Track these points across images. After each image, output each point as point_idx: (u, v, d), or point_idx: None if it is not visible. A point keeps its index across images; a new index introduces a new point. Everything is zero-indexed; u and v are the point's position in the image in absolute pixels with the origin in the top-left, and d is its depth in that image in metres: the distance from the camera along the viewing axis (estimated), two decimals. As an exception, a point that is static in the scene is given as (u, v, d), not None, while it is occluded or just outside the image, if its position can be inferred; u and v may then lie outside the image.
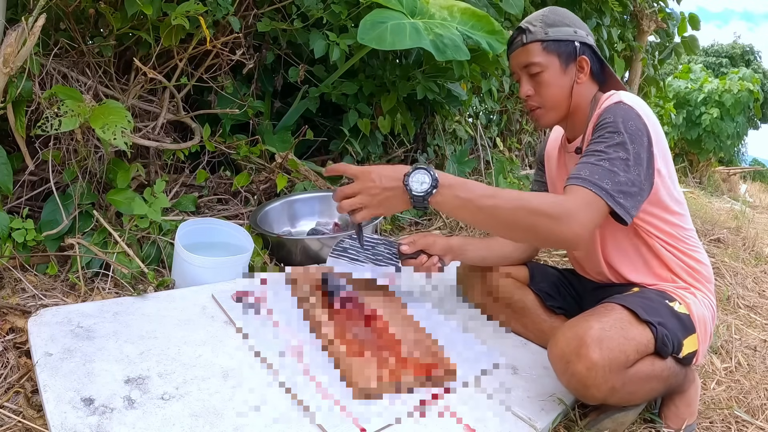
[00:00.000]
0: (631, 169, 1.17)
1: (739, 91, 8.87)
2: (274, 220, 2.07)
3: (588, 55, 1.36)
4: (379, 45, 1.88)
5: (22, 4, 1.69)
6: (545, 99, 1.36)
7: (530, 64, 1.35)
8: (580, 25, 1.37)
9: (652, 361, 1.17)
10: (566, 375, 1.13)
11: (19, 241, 1.56)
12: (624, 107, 1.23)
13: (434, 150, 3.02)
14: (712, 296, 1.37)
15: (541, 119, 1.40)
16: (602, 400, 1.14)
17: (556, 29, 1.35)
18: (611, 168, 1.16)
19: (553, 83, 1.35)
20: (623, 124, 1.20)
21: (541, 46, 1.34)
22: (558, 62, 1.34)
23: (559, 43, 1.34)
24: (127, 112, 1.57)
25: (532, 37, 1.35)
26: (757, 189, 9.10)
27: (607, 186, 1.14)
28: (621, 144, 1.18)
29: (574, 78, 1.35)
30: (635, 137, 1.19)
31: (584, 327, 1.12)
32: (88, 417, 0.99)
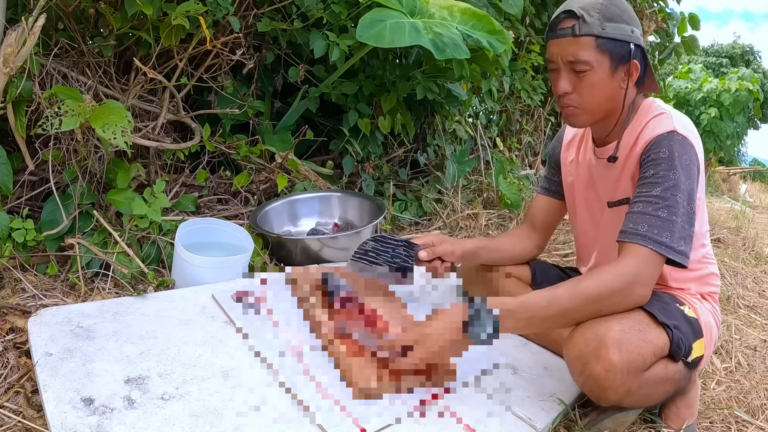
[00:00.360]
0: (687, 208, 1.14)
1: (737, 91, 8.88)
2: (274, 220, 2.07)
3: (639, 60, 1.23)
4: (378, 42, 1.88)
5: (22, 4, 1.69)
6: (585, 101, 1.24)
7: (578, 60, 1.19)
8: (637, 23, 1.23)
9: (666, 364, 1.16)
10: (583, 376, 1.11)
11: (19, 241, 1.56)
12: (678, 138, 1.16)
13: (434, 150, 3.02)
14: (718, 306, 1.36)
15: (574, 119, 1.28)
16: (617, 402, 1.13)
17: (615, 25, 1.19)
18: (669, 217, 1.12)
19: (599, 86, 1.22)
20: (678, 159, 1.15)
21: (595, 43, 1.18)
22: (609, 64, 1.20)
23: (615, 43, 1.19)
24: (127, 112, 1.57)
25: (587, 29, 1.18)
26: (757, 189, 9.09)
27: (667, 240, 1.12)
28: (676, 185, 1.14)
29: (621, 83, 1.23)
30: (689, 172, 1.15)
31: (604, 328, 1.09)
32: (88, 417, 0.99)
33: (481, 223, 2.67)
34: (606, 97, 1.24)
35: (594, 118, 1.28)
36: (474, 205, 2.83)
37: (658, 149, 1.17)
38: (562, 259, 2.47)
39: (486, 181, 3.13)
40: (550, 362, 1.44)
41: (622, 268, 1.12)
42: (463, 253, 1.46)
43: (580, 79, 1.22)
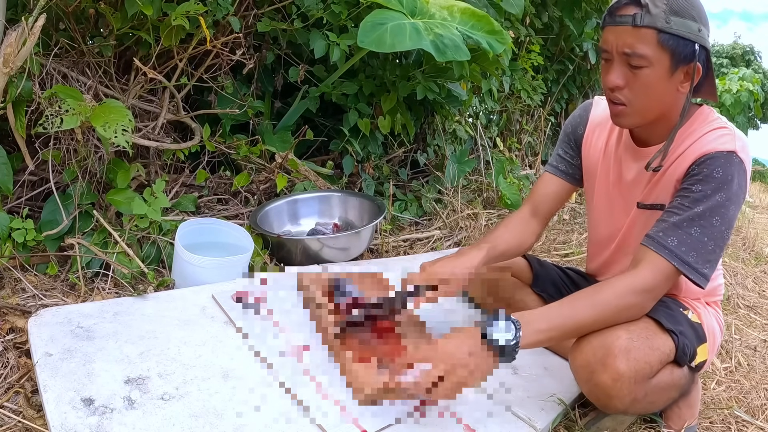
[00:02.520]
0: (723, 233, 1.10)
1: (739, 91, 8.88)
2: (274, 220, 2.07)
3: (703, 63, 1.12)
4: (379, 48, 1.87)
5: (22, 4, 1.69)
6: (637, 100, 1.13)
7: (635, 54, 1.08)
8: (706, 22, 1.11)
9: (672, 370, 1.16)
10: (589, 384, 1.10)
11: (19, 241, 1.56)
12: (737, 162, 1.10)
13: (434, 150, 3.02)
14: (720, 311, 1.36)
15: (622, 119, 1.18)
16: (623, 410, 1.13)
17: (681, 21, 1.07)
18: (701, 238, 1.08)
19: (654, 86, 1.11)
20: (730, 184, 1.08)
21: (657, 37, 1.06)
22: (669, 63, 1.09)
23: (679, 40, 1.07)
24: (127, 111, 1.57)
25: (649, 20, 1.06)
26: (757, 189, 9.09)
27: (692, 260, 1.08)
28: (719, 208, 1.08)
29: (678, 85, 1.12)
30: (737, 200, 1.10)
31: (612, 336, 1.08)
32: (88, 417, 0.99)
33: (481, 223, 2.67)
34: (660, 100, 1.13)
35: (643, 121, 1.17)
36: (474, 205, 2.83)
37: (713, 167, 1.09)
38: (562, 259, 2.47)
39: (486, 181, 3.13)
40: (550, 362, 1.44)
41: (641, 280, 1.09)
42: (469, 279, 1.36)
43: (634, 75, 1.11)
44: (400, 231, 2.47)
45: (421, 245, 2.36)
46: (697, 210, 1.09)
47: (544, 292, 1.52)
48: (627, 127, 1.24)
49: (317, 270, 1.73)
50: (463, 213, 2.69)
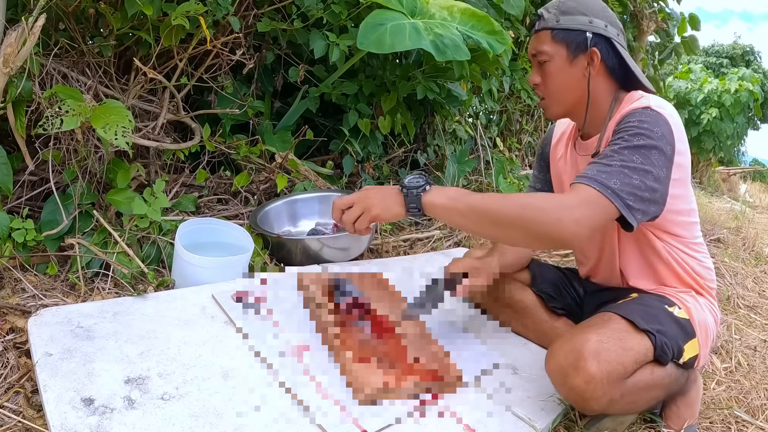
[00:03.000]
0: (648, 176, 1.11)
1: (738, 91, 8.88)
2: (274, 220, 2.07)
3: (602, 48, 1.26)
4: (379, 49, 1.87)
5: (22, 4, 1.69)
6: (549, 90, 1.31)
7: (538, 52, 1.30)
8: (602, 15, 1.27)
9: (652, 369, 1.16)
10: (564, 388, 1.12)
11: (19, 241, 1.56)
12: (652, 113, 1.16)
13: (434, 150, 3.02)
14: (715, 301, 1.36)
15: (546, 111, 1.36)
16: (602, 411, 1.14)
17: (569, 18, 1.26)
18: (622, 170, 1.10)
19: (558, 75, 1.28)
20: (648, 129, 1.14)
21: (551, 35, 1.27)
22: (566, 53, 1.27)
23: (569, 32, 1.26)
24: (128, 112, 1.57)
25: (543, 24, 1.29)
26: (757, 189, 9.10)
27: (615, 186, 1.09)
28: (640, 148, 1.12)
29: (583, 71, 1.27)
30: (659, 145, 1.13)
31: (581, 340, 1.11)
32: (88, 417, 0.99)
33: (481, 223, 2.66)
34: (568, 85, 1.29)
35: (563, 107, 1.33)
36: (474, 205, 2.83)
37: (629, 119, 1.17)
38: (562, 259, 2.47)
39: (486, 181, 3.13)
40: (550, 362, 1.44)
41: (562, 197, 1.13)
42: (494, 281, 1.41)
43: (543, 71, 1.31)
44: (400, 231, 2.47)
45: (421, 245, 2.36)
46: (615, 149, 1.14)
47: (544, 293, 1.53)
48: (554, 118, 1.38)
49: (317, 270, 1.73)
50: (463, 213, 2.68)
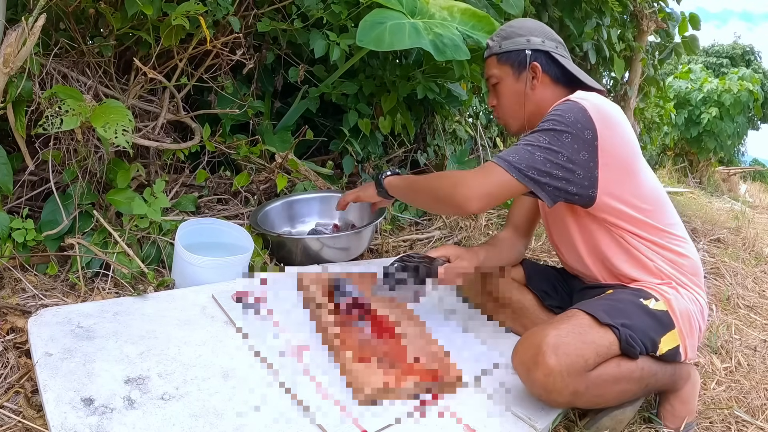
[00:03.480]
0: (556, 155, 1.21)
1: (739, 91, 8.88)
2: (274, 220, 2.07)
3: (542, 61, 1.39)
4: (378, 47, 1.87)
5: (22, 4, 1.69)
6: (503, 108, 1.46)
7: (489, 76, 1.46)
8: (538, 33, 1.42)
9: (618, 362, 1.17)
10: (528, 381, 1.15)
11: (19, 241, 1.56)
12: (569, 103, 1.27)
13: (434, 150, 3.02)
14: (700, 289, 1.34)
15: (506, 127, 1.49)
16: (567, 404, 1.16)
17: (509, 41, 1.42)
18: (525, 147, 1.23)
19: (508, 93, 1.43)
20: (559, 115, 1.24)
21: (496, 59, 1.44)
22: (511, 72, 1.42)
23: (510, 54, 1.41)
24: (128, 112, 1.57)
25: (489, 51, 1.46)
26: (757, 189, 9.09)
27: (513, 159, 1.22)
28: (548, 131, 1.23)
29: (528, 86, 1.41)
30: (570, 130, 1.22)
31: (541, 335, 1.14)
32: (88, 417, 0.99)
33: (481, 223, 2.67)
34: (517, 101, 1.43)
35: (518, 121, 1.45)
36: (474, 205, 2.83)
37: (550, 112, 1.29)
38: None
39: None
40: (550, 362, 1.44)
41: (466, 171, 1.28)
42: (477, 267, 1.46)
43: (496, 92, 1.47)
44: (400, 231, 2.47)
45: (421, 245, 2.37)
46: (527, 134, 1.28)
47: (540, 291, 1.54)
48: (514, 133, 1.50)
49: (317, 270, 1.73)
50: (463, 213, 2.68)
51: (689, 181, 7.92)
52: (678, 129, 9.18)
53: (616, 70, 4.17)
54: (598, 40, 3.77)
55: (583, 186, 1.24)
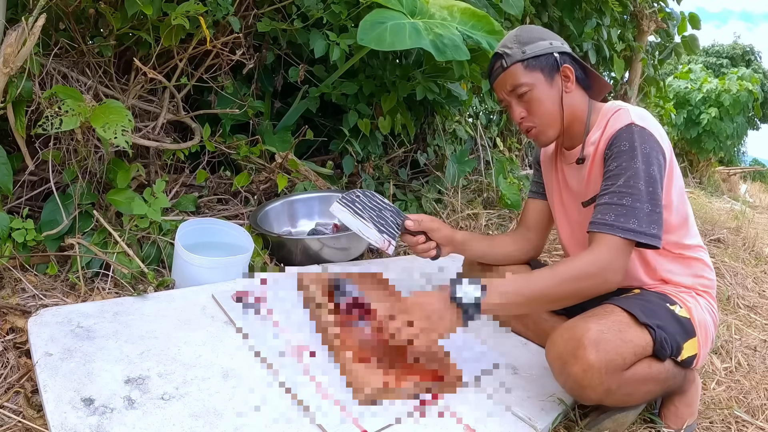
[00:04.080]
0: (652, 195, 1.18)
1: (738, 91, 8.88)
2: (274, 221, 2.07)
3: (570, 63, 1.34)
4: (379, 46, 1.88)
5: (22, 4, 1.69)
6: (540, 117, 1.33)
7: (516, 85, 1.32)
8: (553, 37, 1.36)
9: (650, 363, 1.17)
10: (563, 375, 1.14)
11: (19, 241, 1.56)
12: (636, 129, 1.22)
13: (434, 150, 3.02)
14: (714, 303, 1.37)
15: (540, 137, 1.36)
16: (598, 401, 1.15)
17: (532, 45, 1.32)
18: (634, 204, 1.17)
19: (544, 99, 1.32)
20: (638, 149, 1.20)
21: (523, 66, 1.31)
22: (543, 77, 1.32)
23: (539, 58, 1.32)
24: (127, 112, 1.57)
25: (510, 60, 1.32)
26: (757, 189, 9.10)
27: (634, 225, 1.17)
28: (637, 173, 1.19)
29: (561, 89, 1.33)
30: (649, 159, 1.19)
31: (582, 329, 1.13)
32: (88, 417, 0.99)
33: (481, 223, 2.67)
34: (554, 106, 1.33)
35: (556, 129, 1.35)
36: (474, 205, 2.83)
37: (619, 142, 1.22)
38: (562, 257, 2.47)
39: (486, 181, 3.13)
40: (550, 362, 1.44)
41: (595, 255, 1.17)
42: (448, 234, 1.47)
43: (527, 102, 1.33)
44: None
45: (421, 245, 2.36)
46: (620, 183, 1.20)
47: None
48: (549, 143, 1.39)
49: (317, 270, 1.73)
50: (463, 213, 2.69)
51: (689, 181, 7.91)
52: (678, 129, 9.17)
53: (616, 70, 4.18)
54: (598, 40, 3.77)
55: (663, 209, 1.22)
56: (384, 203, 1.43)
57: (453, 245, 1.49)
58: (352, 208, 1.40)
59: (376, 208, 1.42)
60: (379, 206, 1.43)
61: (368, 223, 1.39)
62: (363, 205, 1.41)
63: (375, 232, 1.39)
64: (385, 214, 1.42)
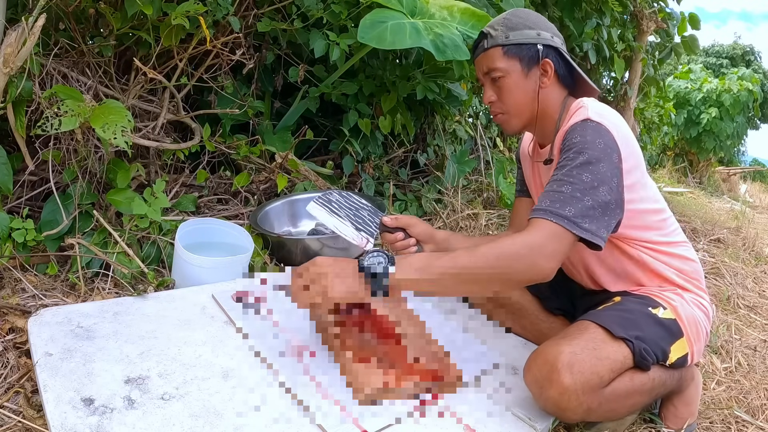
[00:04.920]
0: (599, 191, 1.13)
1: (738, 91, 8.88)
2: (274, 221, 2.07)
3: (552, 58, 1.30)
4: (379, 44, 1.88)
5: (22, 4, 1.69)
6: (508, 105, 1.32)
7: (491, 69, 1.30)
8: (545, 27, 1.32)
9: (632, 376, 1.15)
10: (542, 399, 1.13)
11: (19, 241, 1.56)
12: (591, 125, 1.19)
13: (434, 150, 3.02)
14: (703, 293, 1.34)
15: (505, 126, 1.36)
16: (580, 420, 1.14)
17: (518, 32, 1.29)
18: (573, 194, 1.13)
19: (515, 89, 1.30)
20: (590, 143, 1.16)
21: (502, 51, 1.29)
22: (520, 67, 1.29)
23: (521, 47, 1.28)
24: (127, 112, 1.57)
25: (492, 41, 1.30)
26: (757, 189, 9.10)
27: (569, 213, 1.11)
28: (585, 165, 1.15)
29: (537, 82, 1.30)
30: (603, 156, 1.15)
31: (555, 352, 1.11)
32: (88, 417, 0.99)
33: (481, 223, 2.67)
34: (525, 98, 1.31)
35: (522, 121, 1.34)
36: (474, 205, 2.84)
37: (571, 136, 1.20)
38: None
39: (486, 181, 3.13)
40: (550, 362, 1.44)
41: (526, 236, 1.12)
42: (426, 230, 1.42)
43: (499, 87, 1.32)
44: (400, 231, 2.47)
45: (421, 245, 2.36)
46: (563, 172, 1.17)
47: (540, 292, 1.53)
48: (514, 132, 1.39)
49: (317, 270, 1.73)
50: (463, 213, 2.69)
51: (689, 181, 7.92)
52: (678, 129, 9.18)
53: (616, 70, 4.18)
54: (598, 40, 3.77)
55: (618, 213, 1.18)
56: (361, 203, 1.43)
57: (434, 242, 1.44)
58: (329, 207, 1.40)
59: (353, 208, 1.42)
60: (356, 206, 1.42)
61: (345, 222, 1.38)
62: (339, 204, 1.41)
63: (352, 230, 1.37)
64: (362, 213, 1.42)
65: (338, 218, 1.38)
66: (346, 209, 1.41)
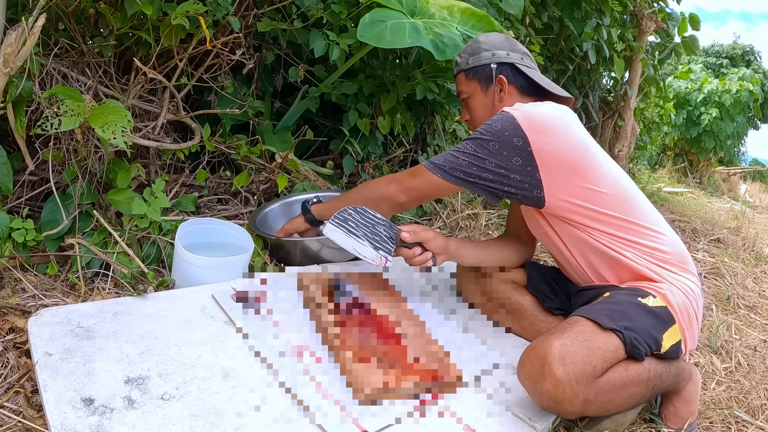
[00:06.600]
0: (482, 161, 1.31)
1: (739, 91, 8.89)
2: (273, 222, 2.07)
3: (507, 73, 1.47)
4: (379, 43, 1.88)
5: (22, 4, 1.69)
6: (475, 120, 1.52)
7: (459, 92, 1.55)
8: (502, 46, 1.49)
9: (626, 366, 1.16)
10: (537, 395, 1.13)
11: (19, 241, 1.56)
12: (501, 113, 1.34)
13: (434, 150, 3.02)
14: (690, 275, 1.34)
15: None
16: (579, 413, 1.14)
17: (475, 57, 1.50)
18: (453, 153, 1.34)
19: (479, 106, 1.51)
20: (488, 125, 1.33)
21: (465, 76, 1.53)
22: (479, 86, 1.50)
23: (476, 69, 1.50)
24: (127, 112, 1.57)
25: (457, 68, 1.55)
26: (757, 189, 9.11)
27: (439, 162, 1.35)
28: (474, 140, 1.33)
29: (495, 98, 1.48)
30: (495, 136, 1.30)
31: (545, 346, 1.12)
32: (88, 417, 0.99)
33: (481, 223, 2.67)
34: (486, 113, 1.49)
35: None
36: (474, 205, 2.84)
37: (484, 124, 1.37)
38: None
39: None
40: (550, 362, 1.44)
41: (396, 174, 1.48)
42: (443, 244, 1.46)
43: (468, 106, 1.56)
44: (400, 231, 2.47)
45: (421, 245, 2.36)
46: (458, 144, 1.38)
47: (539, 292, 1.53)
48: None
49: (317, 270, 1.73)
50: (463, 213, 2.69)
51: (689, 181, 7.92)
52: (678, 129, 9.18)
53: (616, 70, 4.18)
54: (598, 40, 3.77)
55: (523, 188, 1.31)
56: (376, 217, 1.42)
57: (447, 254, 1.48)
58: (345, 227, 1.40)
59: (369, 224, 1.41)
60: (371, 221, 1.41)
61: (363, 242, 1.39)
62: (356, 222, 1.41)
63: (371, 250, 1.38)
64: (378, 229, 1.41)
65: (356, 239, 1.39)
66: (362, 227, 1.41)
